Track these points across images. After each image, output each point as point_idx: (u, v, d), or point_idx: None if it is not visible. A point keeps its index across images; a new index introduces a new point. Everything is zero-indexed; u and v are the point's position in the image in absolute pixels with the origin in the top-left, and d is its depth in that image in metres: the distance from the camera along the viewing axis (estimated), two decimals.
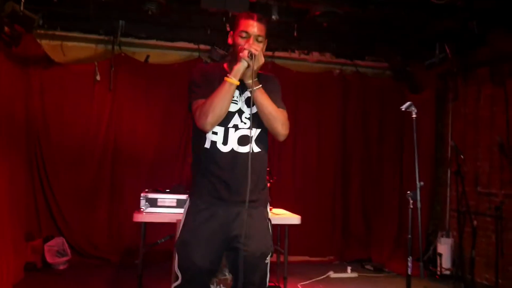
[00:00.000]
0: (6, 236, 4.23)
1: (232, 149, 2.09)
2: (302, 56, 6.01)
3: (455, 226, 5.31)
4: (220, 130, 2.10)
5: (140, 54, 5.63)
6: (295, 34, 4.92)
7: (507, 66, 4.73)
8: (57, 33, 5.32)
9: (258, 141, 2.14)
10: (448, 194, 5.65)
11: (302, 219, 3.80)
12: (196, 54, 5.72)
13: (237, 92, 2.12)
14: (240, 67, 2.02)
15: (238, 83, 2.03)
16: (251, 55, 2.00)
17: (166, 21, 5.05)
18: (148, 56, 5.62)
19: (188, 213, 2.14)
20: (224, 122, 2.08)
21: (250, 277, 2.06)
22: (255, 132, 2.13)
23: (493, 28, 4.66)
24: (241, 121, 2.12)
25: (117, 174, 5.45)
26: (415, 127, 2.74)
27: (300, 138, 6.01)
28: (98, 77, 5.36)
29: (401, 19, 4.69)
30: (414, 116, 2.74)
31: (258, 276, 2.09)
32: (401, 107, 2.78)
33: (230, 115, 2.10)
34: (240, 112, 2.13)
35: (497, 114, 4.89)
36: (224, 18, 4.60)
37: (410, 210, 2.70)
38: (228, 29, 4.72)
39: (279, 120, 2.09)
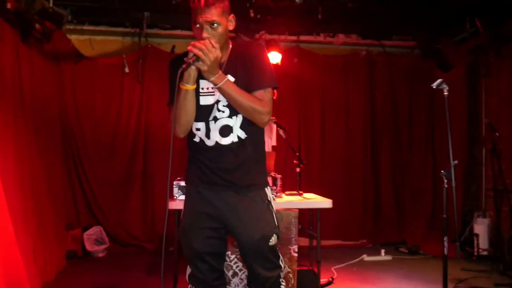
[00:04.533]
0: (48, 226, 4.41)
1: (216, 142, 2.01)
2: (328, 39, 5.95)
3: (491, 205, 5.18)
4: (202, 125, 2.03)
5: (166, 44, 5.69)
6: (319, 17, 4.86)
7: None
8: (85, 27, 5.45)
9: (243, 127, 2.01)
10: (484, 173, 5.51)
11: (333, 204, 3.78)
12: None
13: (210, 84, 1.97)
14: (191, 72, 1.89)
15: (193, 87, 1.93)
16: (196, 57, 1.83)
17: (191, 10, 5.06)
18: (174, 47, 5.66)
19: (185, 199, 2.14)
20: (205, 116, 2.01)
21: (256, 262, 2.02)
22: (236, 120, 2.00)
23: None
24: (219, 111, 2.00)
25: (149, 164, 5.57)
26: (447, 105, 2.68)
27: (328, 122, 5.97)
28: (126, 69, 5.47)
29: None
30: (445, 93, 2.68)
31: (264, 259, 2.02)
32: (432, 85, 2.72)
33: (209, 108, 2.01)
34: (218, 102, 2.01)
35: None
36: (247, 4, 4.58)
37: (444, 189, 2.65)
38: (252, 14, 4.71)
39: (253, 110, 1.93)
